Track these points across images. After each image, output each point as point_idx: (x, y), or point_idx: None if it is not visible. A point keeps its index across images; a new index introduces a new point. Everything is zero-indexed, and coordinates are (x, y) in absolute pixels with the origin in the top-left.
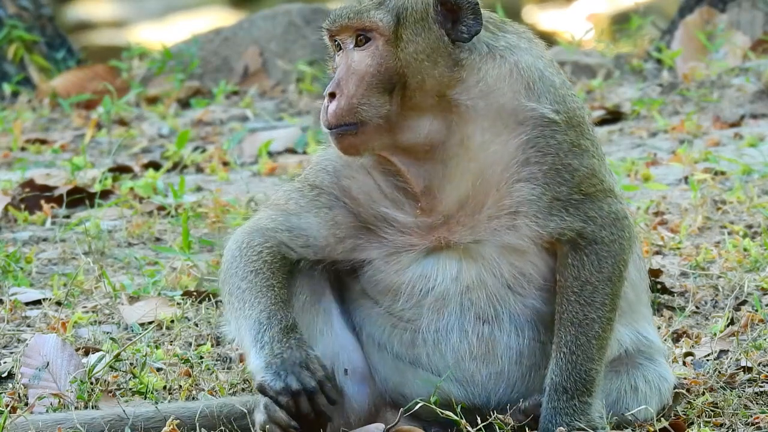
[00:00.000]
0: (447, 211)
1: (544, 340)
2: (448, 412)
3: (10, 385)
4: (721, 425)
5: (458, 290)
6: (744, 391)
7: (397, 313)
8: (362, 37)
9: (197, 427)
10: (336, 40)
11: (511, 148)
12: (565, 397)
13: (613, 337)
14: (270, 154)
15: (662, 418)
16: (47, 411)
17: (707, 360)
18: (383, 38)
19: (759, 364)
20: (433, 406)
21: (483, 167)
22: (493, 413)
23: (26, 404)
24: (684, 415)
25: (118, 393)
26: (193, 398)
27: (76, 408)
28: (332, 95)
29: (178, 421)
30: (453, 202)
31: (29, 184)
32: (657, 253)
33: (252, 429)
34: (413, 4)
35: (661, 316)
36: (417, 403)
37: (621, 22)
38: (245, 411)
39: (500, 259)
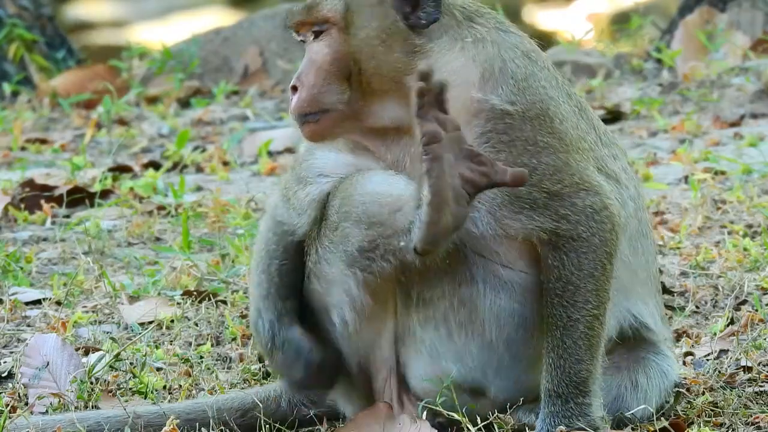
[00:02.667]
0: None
1: (523, 303)
2: (452, 413)
3: (10, 385)
4: (721, 425)
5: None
6: (744, 390)
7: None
8: (318, 29)
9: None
10: (299, 36)
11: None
12: (560, 402)
13: (605, 332)
14: (270, 154)
15: (662, 418)
16: (47, 411)
17: (707, 360)
18: (336, 27)
19: (759, 364)
20: (438, 407)
21: None
22: (494, 412)
23: (26, 404)
24: (684, 414)
25: (118, 393)
26: (194, 398)
27: (76, 408)
28: (294, 88)
29: (177, 419)
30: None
31: (29, 183)
32: (657, 252)
33: None
34: None
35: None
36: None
37: (621, 22)
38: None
39: (468, 232)
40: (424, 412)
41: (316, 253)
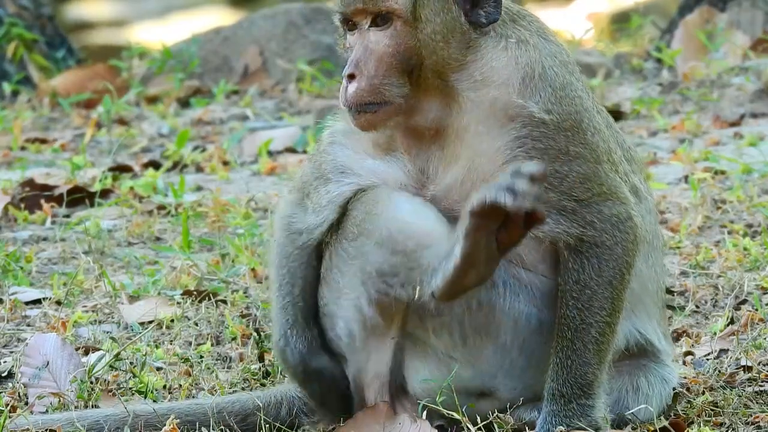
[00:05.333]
0: (438, 192)
1: (540, 306)
2: (451, 413)
3: (10, 385)
4: (721, 424)
5: None
6: (744, 390)
7: None
8: (380, 18)
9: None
10: (349, 21)
11: (500, 143)
12: (562, 401)
13: (615, 340)
14: (270, 154)
15: (662, 417)
16: (47, 411)
17: (707, 359)
18: (401, 19)
19: (759, 363)
20: (438, 406)
21: (475, 157)
22: (494, 412)
23: (26, 404)
24: (684, 414)
25: (118, 392)
26: (193, 398)
27: (75, 407)
28: (351, 76)
29: (179, 420)
30: (443, 186)
31: (29, 183)
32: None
33: None
34: None
35: None
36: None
37: (621, 22)
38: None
39: None
40: (424, 412)
41: (330, 260)
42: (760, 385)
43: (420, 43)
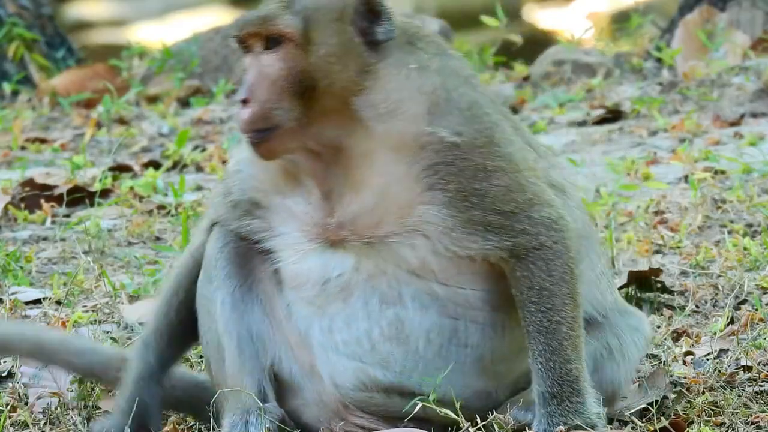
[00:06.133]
0: (345, 218)
1: (455, 316)
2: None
3: (10, 385)
4: (721, 424)
5: (359, 279)
6: (744, 390)
7: (310, 300)
8: (271, 41)
9: None
10: (244, 44)
11: (414, 172)
12: (555, 402)
13: (583, 332)
14: None
15: (662, 417)
16: (45, 411)
17: (707, 359)
18: (292, 42)
19: (759, 363)
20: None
21: (387, 185)
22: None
23: (26, 403)
24: (684, 414)
25: (117, 392)
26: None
27: (75, 407)
28: (245, 101)
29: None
30: (353, 209)
31: (29, 183)
32: (657, 252)
33: None
34: (328, 4)
35: (661, 315)
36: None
37: (621, 21)
38: None
39: (403, 258)
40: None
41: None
42: (760, 385)
43: (312, 66)
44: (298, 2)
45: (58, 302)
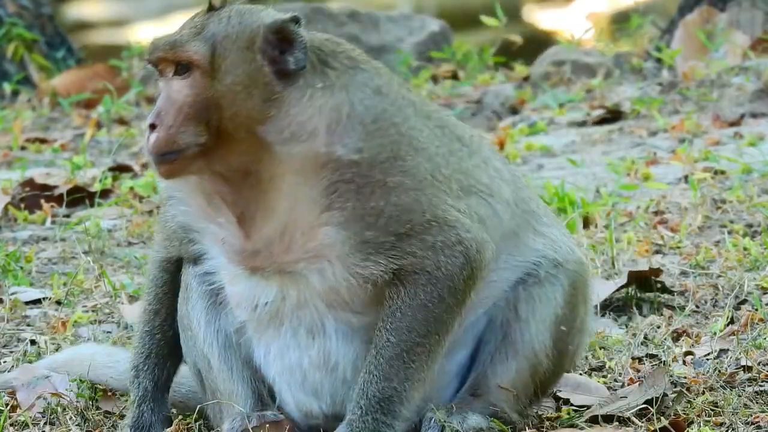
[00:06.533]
0: (259, 244)
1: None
2: None
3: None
4: (721, 424)
5: (287, 308)
6: (744, 390)
7: (250, 324)
8: (181, 67)
9: None
10: (157, 67)
11: (315, 192)
12: (359, 413)
13: (434, 362)
14: None
15: (662, 417)
16: (44, 411)
17: (707, 359)
18: (200, 69)
19: (759, 363)
20: None
21: (292, 209)
22: None
23: (11, 407)
24: (684, 414)
25: (118, 392)
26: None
27: (75, 407)
28: (152, 126)
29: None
30: (265, 234)
31: (29, 183)
32: (657, 252)
33: None
34: (238, 32)
35: (661, 315)
36: None
37: (621, 21)
38: None
39: (316, 286)
40: None
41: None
42: (760, 385)
43: (218, 94)
44: (209, 29)
45: (58, 302)
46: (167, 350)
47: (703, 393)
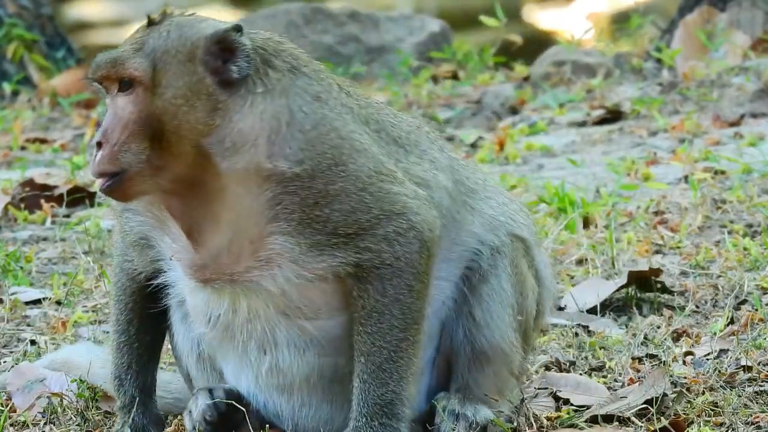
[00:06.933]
0: (209, 254)
1: (333, 353)
2: None
3: None
4: (721, 424)
5: (237, 322)
6: (744, 390)
7: (208, 341)
8: (124, 84)
9: None
10: (102, 85)
11: (260, 204)
12: (364, 420)
13: (418, 350)
14: None
15: (662, 417)
16: (44, 411)
17: (707, 359)
18: (142, 85)
19: (759, 363)
20: None
21: (238, 220)
22: None
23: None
24: (684, 414)
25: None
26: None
27: (75, 407)
28: (98, 144)
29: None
30: (213, 246)
31: (29, 183)
32: (657, 252)
33: None
34: (177, 46)
35: (661, 315)
36: None
37: (621, 22)
38: None
39: (269, 293)
40: None
41: None
42: (760, 385)
43: (160, 108)
44: (149, 45)
45: (58, 302)
46: (147, 357)
47: (703, 393)
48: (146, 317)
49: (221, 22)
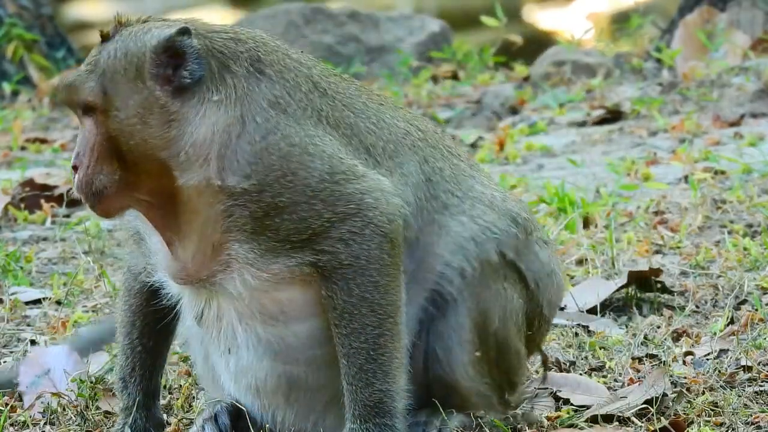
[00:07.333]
0: (181, 260)
1: (290, 362)
2: None
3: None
4: (721, 424)
5: (210, 320)
6: (744, 390)
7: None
8: (85, 108)
9: None
10: (70, 108)
11: (215, 215)
12: (359, 422)
13: (400, 342)
14: None
15: (662, 417)
16: (44, 411)
17: (707, 359)
18: (98, 110)
19: (759, 363)
20: None
21: (200, 228)
22: None
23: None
24: (684, 414)
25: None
26: (193, 398)
27: (75, 407)
28: (74, 168)
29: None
30: (185, 252)
31: (29, 183)
32: (657, 252)
33: None
34: (125, 65)
35: (661, 315)
36: None
37: (621, 22)
38: None
39: (231, 295)
40: None
41: None
42: (760, 385)
43: (116, 131)
44: (99, 65)
45: (58, 302)
46: (150, 360)
47: (703, 393)
48: (150, 321)
49: (168, 26)
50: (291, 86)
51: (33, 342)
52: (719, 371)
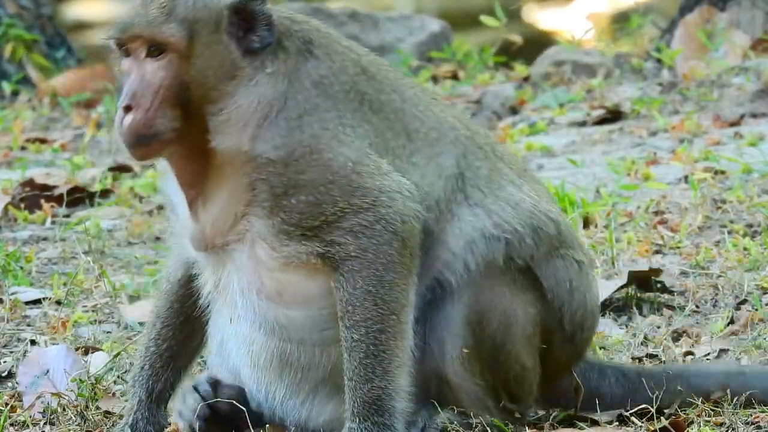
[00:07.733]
0: (202, 225)
1: (291, 336)
2: None
3: (10, 385)
4: (721, 424)
5: (221, 291)
6: None
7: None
8: (155, 49)
9: None
10: (125, 47)
11: (241, 186)
12: (357, 420)
13: (404, 342)
14: None
15: (662, 417)
16: (44, 411)
17: (707, 359)
18: (177, 53)
19: (759, 363)
20: None
21: (227, 197)
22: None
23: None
24: (684, 414)
25: (119, 392)
26: None
27: (75, 407)
28: (128, 108)
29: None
30: (206, 218)
31: (29, 183)
32: (657, 252)
33: None
34: (206, 16)
35: (661, 315)
36: None
37: (621, 21)
38: None
39: (247, 269)
40: None
41: None
42: None
43: (192, 77)
44: (180, 10)
45: (58, 302)
46: (160, 363)
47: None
48: (170, 324)
49: None
50: (337, 68)
51: (33, 342)
52: None
